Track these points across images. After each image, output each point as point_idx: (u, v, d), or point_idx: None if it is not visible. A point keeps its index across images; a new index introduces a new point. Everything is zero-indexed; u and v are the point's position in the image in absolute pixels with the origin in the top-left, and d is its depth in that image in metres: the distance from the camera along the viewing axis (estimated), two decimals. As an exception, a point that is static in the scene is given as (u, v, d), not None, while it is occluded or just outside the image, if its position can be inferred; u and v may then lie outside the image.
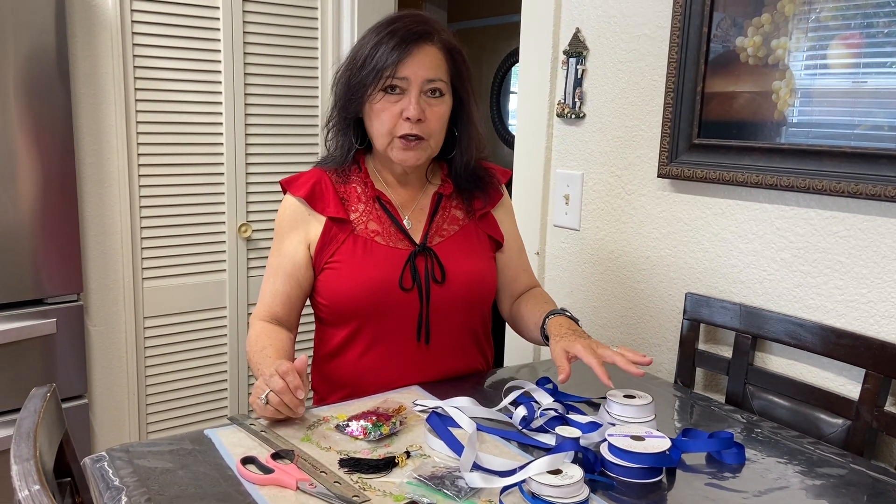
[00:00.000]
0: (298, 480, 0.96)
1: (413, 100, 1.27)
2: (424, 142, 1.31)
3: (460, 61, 1.34)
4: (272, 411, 1.12)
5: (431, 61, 1.29)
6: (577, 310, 1.92)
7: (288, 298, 1.36)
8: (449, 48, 1.32)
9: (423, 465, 1.03)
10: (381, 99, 1.29)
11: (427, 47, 1.29)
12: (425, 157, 1.34)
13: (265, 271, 1.40)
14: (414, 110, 1.27)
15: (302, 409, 1.15)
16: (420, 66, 1.27)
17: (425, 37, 1.29)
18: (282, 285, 1.36)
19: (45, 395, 0.97)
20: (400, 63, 1.26)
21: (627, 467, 1.02)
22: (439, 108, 1.31)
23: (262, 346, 1.28)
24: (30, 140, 1.87)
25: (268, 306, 1.36)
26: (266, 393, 1.11)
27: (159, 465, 1.01)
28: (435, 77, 1.29)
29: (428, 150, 1.34)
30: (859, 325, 1.35)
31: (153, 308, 2.27)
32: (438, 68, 1.30)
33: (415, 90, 1.27)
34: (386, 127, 1.30)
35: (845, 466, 1.10)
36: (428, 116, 1.29)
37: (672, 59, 1.59)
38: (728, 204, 1.56)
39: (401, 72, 1.26)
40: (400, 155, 1.32)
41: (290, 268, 1.35)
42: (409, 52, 1.26)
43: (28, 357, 1.94)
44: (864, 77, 1.31)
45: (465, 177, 1.42)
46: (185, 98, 2.24)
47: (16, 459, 0.80)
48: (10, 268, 1.88)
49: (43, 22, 1.86)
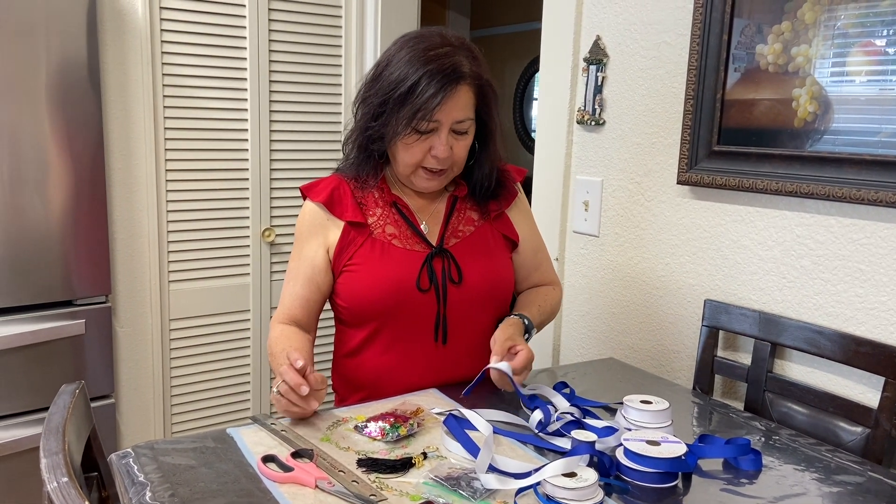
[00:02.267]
0: (317, 479, 0.98)
1: (443, 140, 1.29)
2: (448, 170, 1.35)
3: (488, 95, 1.35)
4: (286, 403, 1.16)
5: (463, 102, 1.29)
6: (596, 316, 1.93)
7: (307, 302, 1.39)
8: (479, 84, 1.32)
9: (439, 466, 1.04)
10: (411, 135, 1.29)
11: (460, 88, 1.28)
12: (447, 182, 1.39)
13: (286, 275, 1.42)
14: (443, 151, 1.29)
15: (314, 405, 1.18)
16: (453, 109, 1.28)
17: (460, 78, 1.28)
18: (301, 289, 1.38)
19: (73, 391, 1.01)
20: (436, 109, 1.26)
21: (643, 472, 1.02)
22: (465, 141, 1.33)
23: (281, 348, 1.30)
24: (61, 146, 1.92)
25: (287, 309, 1.39)
26: (278, 385, 1.16)
27: (183, 462, 1.04)
28: (464, 118, 1.31)
29: (450, 177, 1.38)
30: (879, 333, 1.35)
31: (179, 310, 2.31)
32: (467, 107, 1.31)
33: (445, 131, 1.29)
34: (414, 160, 1.32)
35: (863, 474, 1.09)
36: (454, 151, 1.32)
37: (692, 67, 1.60)
38: (748, 211, 1.55)
39: (435, 116, 1.27)
40: (423, 184, 1.36)
41: (310, 272, 1.38)
42: (444, 101, 1.26)
43: (57, 357, 1.98)
44: (885, 84, 1.30)
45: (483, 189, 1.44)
46: (212, 105, 2.28)
47: (45, 453, 0.83)
48: (41, 270, 1.93)
49: (75, 31, 1.91)
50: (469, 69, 1.29)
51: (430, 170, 1.33)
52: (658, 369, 1.76)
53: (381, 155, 1.39)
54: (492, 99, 1.36)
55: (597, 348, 1.94)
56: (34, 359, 1.94)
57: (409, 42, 1.31)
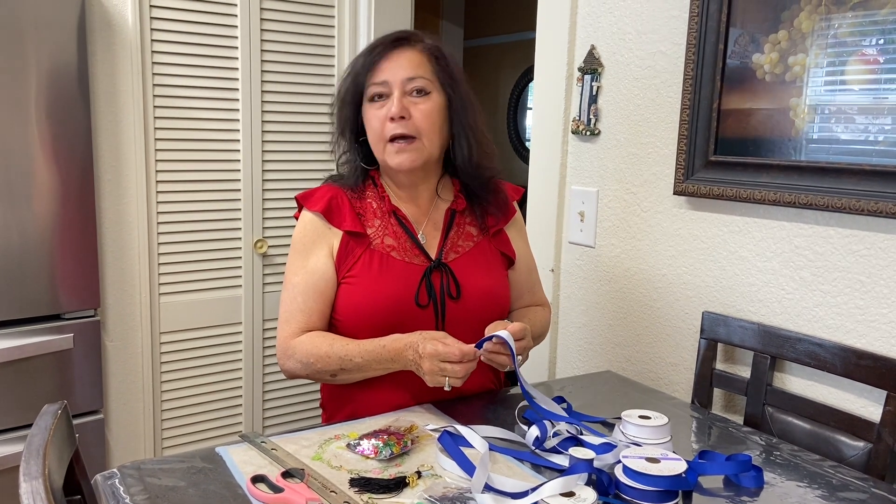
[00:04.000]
0: (308, 500, 0.96)
1: (395, 100, 1.29)
2: (416, 141, 1.31)
3: (443, 61, 1.35)
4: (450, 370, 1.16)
5: (409, 62, 1.31)
6: (593, 328, 1.91)
7: (322, 315, 1.34)
8: (430, 49, 1.34)
9: (434, 486, 1.01)
10: (369, 109, 1.33)
11: (405, 50, 1.32)
12: (421, 158, 1.33)
13: (288, 290, 1.35)
14: (396, 108, 1.29)
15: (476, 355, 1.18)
16: (398, 67, 1.30)
17: (402, 41, 1.32)
18: (315, 303, 1.33)
19: (55, 412, 0.98)
20: (375, 67, 1.30)
21: (642, 490, 1.00)
22: (425, 105, 1.31)
23: (330, 341, 1.28)
24: (50, 157, 1.89)
25: (303, 324, 1.32)
26: (447, 383, 1.16)
27: (170, 483, 1.01)
28: (415, 75, 1.30)
29: (423, 151, 1.33)
30: (880, 346, 1.33)
31: (169, 323, 2.28)
32: (419, 67, 1.31)
33: (397, 91, 1.30)
34: (377, 133, 1.32)
35: (866, 491, 1.07)
36: (413, 114, 1.30)
37: (688, 76, 1.58)
38: (745, 222, 1.54)
39: (378, 76, 1.30)
40: (395, 158, 1.32)
41: (322, 284, 1.33)
42: (385, 57, 1.31)
43: (45, 372, 1.95)
44: (883, 94, 1.29)
45: (475, 183, 1.41)
46: (203, 115, 2.26)
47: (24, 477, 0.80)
48: (28, 283, 1.90)
49: (64, 40, 1.88)
50: (418, 39, 1.34)
51: (396, 141, 1.31)
52: (656, 382, 1.74)
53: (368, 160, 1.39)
54: (453, 70, 1.35)
55: (593, 361, 1.92)
56: (21, 374, 1.91)
57: None
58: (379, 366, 1.26)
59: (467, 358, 1.15)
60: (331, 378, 1.31)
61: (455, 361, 1.15)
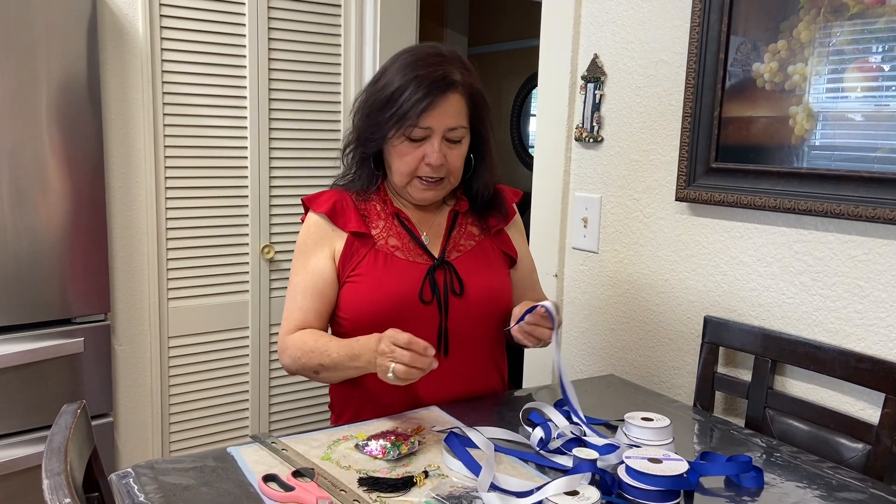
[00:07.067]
0: (318, 498, 0.98)
1: (436, 147, 1.31)
2: (444, 180, 1.36)
3: (481, 105, 1.37)
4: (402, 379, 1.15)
5: (454, 110, 1.31)
6: (596, 332, 1.93)
7: (320, 315, 1.37)
8: (471, 94, 1.35)
9: (440, 485, 1.04)
10: (403, 142, 1.32)
11: (451, 96, 1.30)
12: (444, 193, 1.40)
13: (290, 290, 1.40)
14: (436, 158, 1.31)
15: (436, 363, 1.16)
16: (444, 116, 1.30)
17: (450, 86, 1.30)
18: (312, 302, 1.37)
19: (75, 411, 1.00)
20: (424, 114, 1.28)
21: (644, 490, 1.02)
22: (459, 150, 1.35)
23: (316, 337, 1.31)
24: (61, 164, 1.93)
25: (300, 322, 1.36)
26: (391, 369, 1.14)
27: (183, 482, 1.04)
28: (457, 125, 1.32)
29: (448, 188, 1.39)
30: (879, 350, 1.35)
31: (178, 328, 2.31)
32: (460, 115, 1.33)
33: (437, 138, 1.31)
34: (408, 169, 1.34)
35: (865, 491, 1.09)
36: (448, 160, 1.33)
37: (689, 85, 1.61)
38: (746, 227, 1.56)
39: (425, 122, 1.29)
40: (419, 195, 1.37)
41: (321, 284, 1.37)
42: (434, 105, 1.28)
43: (56, 376, 1.98)
44: (882, 102, 1.31)
45: (483, 196, 1.46)
46: (212, 123, 2.29)
47: (47, 474, 0.82)
48: (40, 288, 1.93)
49: (75, 49, 1.92)
50: (460, 79, 1.32)
51: (425, 179, 1.34)
52: (658, 386, 1.76)
53: (377, 165, 1.41)
54: (484, 110, 1.38)
55: (596, 365, 1.94)
56: (33, 377, 1.94)
57: (404, 53, 1.35)
58: (350, 362, 1.26)
59: (415, 346, 1.14)
60: (314, 375, 1.34)
61: (403, 346, 1.14)
